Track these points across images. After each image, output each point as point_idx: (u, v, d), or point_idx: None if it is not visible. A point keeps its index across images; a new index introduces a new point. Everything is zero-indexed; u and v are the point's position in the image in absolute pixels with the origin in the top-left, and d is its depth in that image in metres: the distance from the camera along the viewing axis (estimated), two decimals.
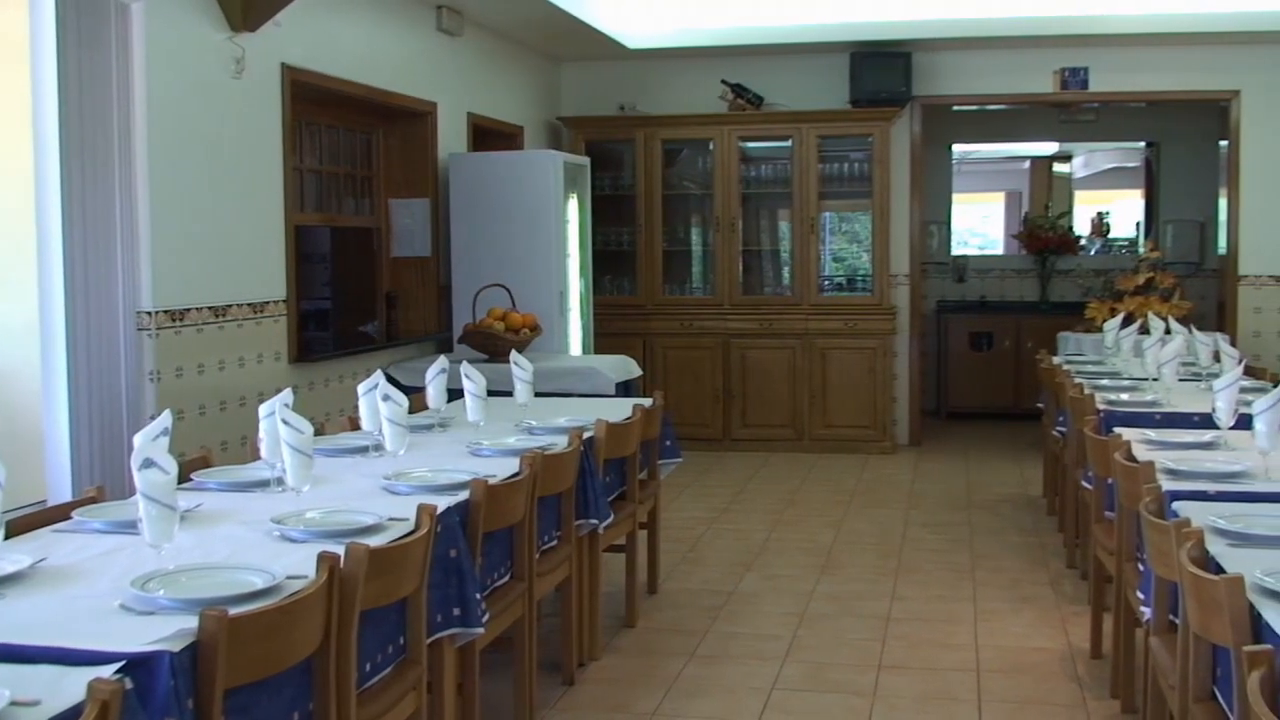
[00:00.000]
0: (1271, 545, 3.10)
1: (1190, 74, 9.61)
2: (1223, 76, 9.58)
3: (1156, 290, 8.75)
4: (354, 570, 2.83)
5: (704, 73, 9.97)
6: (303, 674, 2.75)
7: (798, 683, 4.78)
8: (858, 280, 10.06)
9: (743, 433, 9.83)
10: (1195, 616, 2.85)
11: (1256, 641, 2.52)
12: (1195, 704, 3.01)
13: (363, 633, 2.94)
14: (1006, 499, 8.12)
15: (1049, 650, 5.12)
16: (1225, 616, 2.62)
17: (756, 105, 9.88)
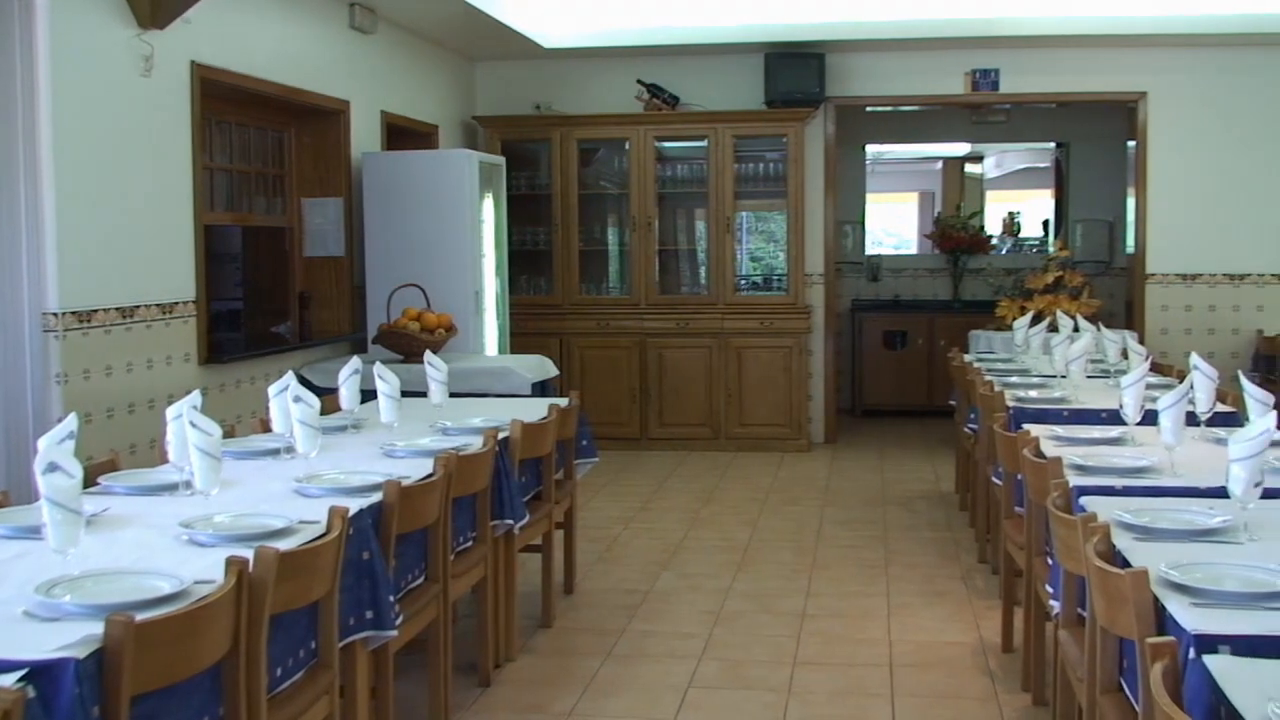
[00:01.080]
0: (1176, 539, 3.16)
1: (1098, 76, 9.77)
2: (1130, 78, 9.75)
3: (1065, 289, 8.88)
4: (263, 574, 2.80)
5: (620, 73, 9.98)
6: (212, 680, 2.71)
7: (714, 680, 4.80)
8: (774, 280, 10.13)
9: (660, 432, 9.85)
10: (1102, 609, 2.90)
11: (1161, 633, 2.57)
12: (1103, 696, 3.06)
13: (273, 637, 2.91)
14: (920, 495, 8.21)
15: (961, 644, 5.19)
16: (1130, 609, 2.66)
17: (672, 105, 9.91)
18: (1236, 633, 2.43)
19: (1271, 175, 9.63)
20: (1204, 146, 9.68)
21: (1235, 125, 9.63)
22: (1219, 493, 3.35)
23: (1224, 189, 9.68)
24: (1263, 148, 9.62)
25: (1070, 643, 3.48)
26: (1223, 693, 2.16)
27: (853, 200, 12.11)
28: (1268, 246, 9.70)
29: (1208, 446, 4.33)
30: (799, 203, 9.71)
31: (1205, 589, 2.67)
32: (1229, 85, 9.63)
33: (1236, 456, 3.15)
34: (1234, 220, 9.70)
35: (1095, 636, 3.05)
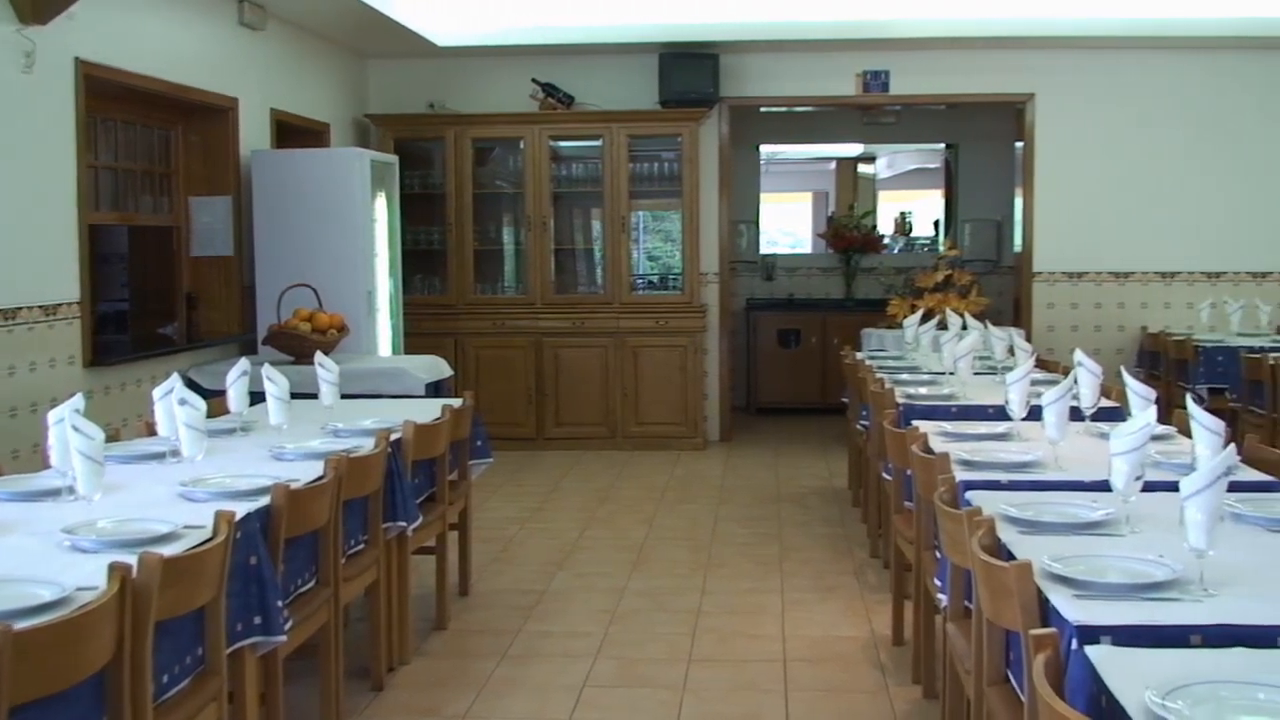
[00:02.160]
0: (1060, 532, 3.22)
1: (987, 77, 9.93)
2: (1018, 79, 9.93)
3: (955, 287, 9.01)
4: (147, 580, 2.75)
5: (514, 72, 9.95)
6: (95, 688, 2.66)
7: (609, 679, 4.80)
8: (670, 279, 10.16)
9: (556, 432, 9.84)
10: (987, 602, 2.94)
11: (1045, 625, 2.61)
12: (989, 687, 3.11)
13: (159, 644, 2.85)
14: (814, 491, 8.29)
15: (853, 638, 5.25)
16: (1014, 602, 2.71)
17: (567, 105, 9.90)
18: (1117, 623, 2.48)
19: (1155, 175, 9.87)
20: (1090, 147, 9.89)
21: (1120, 126, 9.86)
22: (1102, 486, 3.41)
23: (1109, 188, 9.90)
24: (1146, 148, 9.86)
25: (958, 635, 3.53)
26: (1103, 682, 2.20)
27: (747, 200, 12.20)
28: (1152, 245, 9.94)
29: (1091, 441, 4.42)
30: (694, 202, 9.76)
31: (1087, 581, 2.72)
32: (1114, 87, 9.85)
33: (1118, 451, 3.21)
34: (1119, 219, 9.92)
35: (981, 629, 3.11)
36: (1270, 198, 9.86)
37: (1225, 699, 2.08)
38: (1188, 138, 9.84)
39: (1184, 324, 9.71)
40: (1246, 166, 9.85)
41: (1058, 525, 3.26)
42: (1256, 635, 2.44)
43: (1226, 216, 9.88)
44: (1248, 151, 9.84)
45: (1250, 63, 9.76)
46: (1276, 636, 2.45)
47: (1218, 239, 9.92)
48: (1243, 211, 9.87)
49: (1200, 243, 9.92)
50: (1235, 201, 9.86)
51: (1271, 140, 9.83)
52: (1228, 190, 9.86)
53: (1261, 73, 9.79)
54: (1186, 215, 9.89)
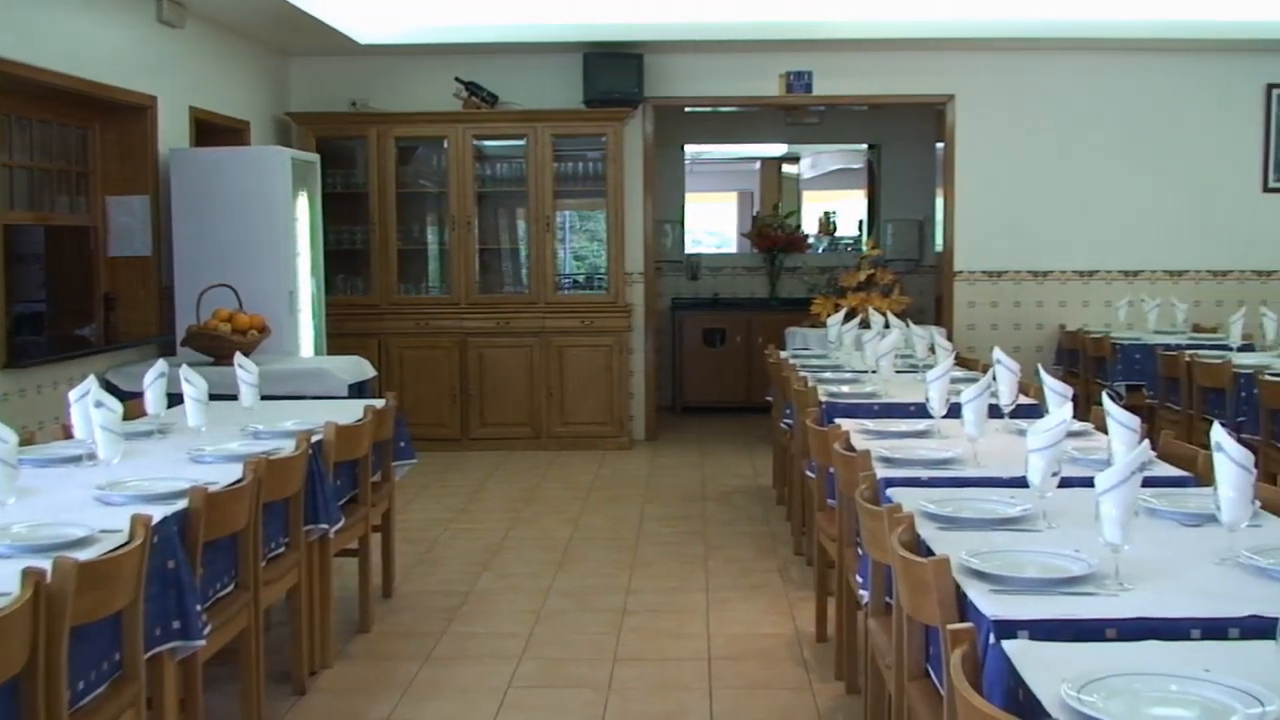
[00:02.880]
0: (978, 528, 3.25)
1: (908, 78, 10.03)
2: (938, 81, 10.03)
3: (877, 286, 9.10)
4: (62, 586, 2.70)
5: (438, 70, 9.90)
6: (9, 695, 2.61)
7: (534, 680, 4.79)
8: (596, 279, 10.16)
9: (481, 432, 9.80)
10: (906, 598, 2.97)
11: (963, 620, 2.64)
12: (910, 682, 3.14)
13: (74, 650, 2.81)
14: (739, 490, 8.32)
15: (777, 635, 5.27)
16: (933, 597, 2.74)
17: (491, 104, 9.86)
18: (1034, 617, 2.51)
19: (1073, 175, 10.01)
20: (1009, 147, 10.02)
21: (1038, 127, 9.99)
22: (1020, 483, 3.45)
23: (1028, 188, 10.03)
24: (1065, 148, 10.00)
25: (879, 631, 3.57)
26: (1020, 676, 2.23)
27: (672, 199, 12.23)
28: (1070, 244, 10.08)
29: (1010, 438, 4.48)
30: (618, 202, 9.76)
31: (1005, 576, 2.75)
32: (1032, 88, 9.98)
33: (1035, 447, 3.25)
34: (1038, 219, 10.05)
35: (901, 625, 3.13)
36: (1186, 197, 10.04)
37: (1139, 691, 2.12)
38: (1105, 138, 9.99)
39: (1102, 322, 9.86)
40: (1163, 166, 10.02)
41: (976, 521, 3.30)
42: (1170, 628, 2.49)
43: (1143, 216, 10.05)
44: (1164, 152, 10.01)
45: (1166, 64, 9.93)
46: (1190, 629, 2.50)
47: (1135, 238, 10.08)
48: (1159, 211, 10.04)
49: (1118, 242, 10.08)
50: (1152, 201, 10.03)
51: (1187, 140, 10.01)
52: (1145, 190, 10.03)
53: (1177, 74, 9.96)
54: (1104, 215, 10.04)
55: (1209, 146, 10.04)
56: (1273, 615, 2.00)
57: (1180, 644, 2.42)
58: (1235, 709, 2.03)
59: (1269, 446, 6.36)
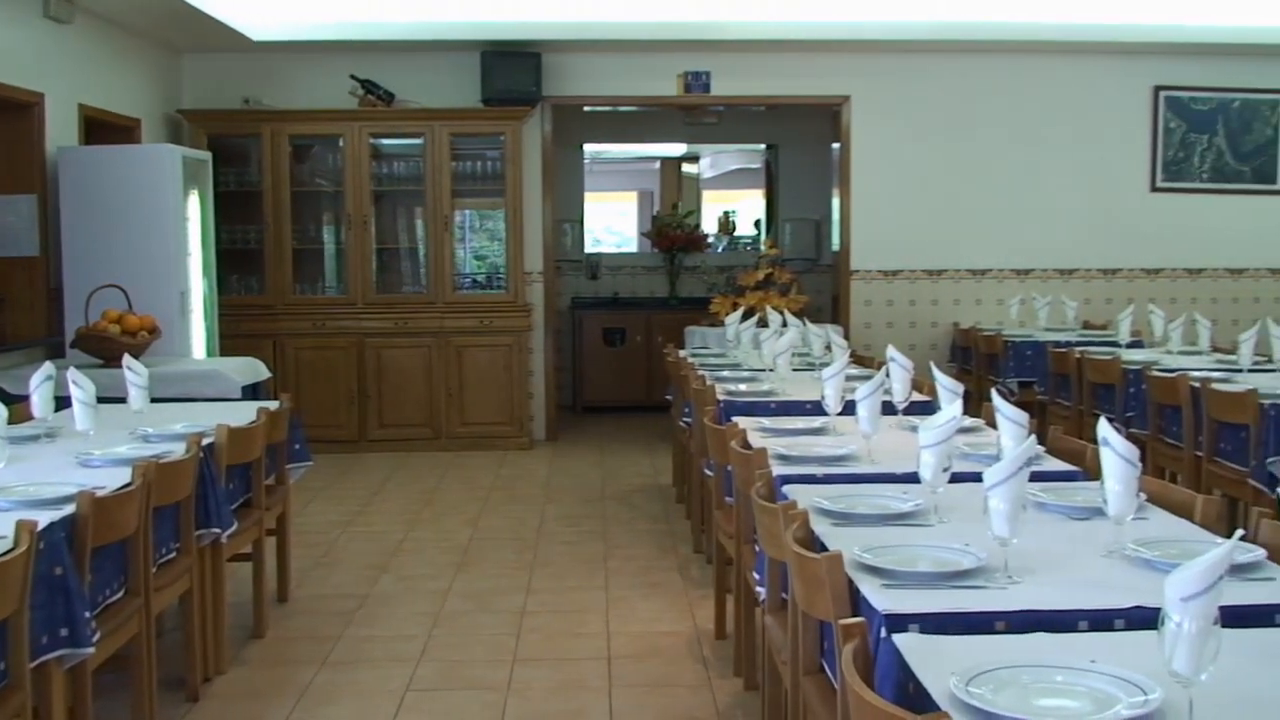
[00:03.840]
0: (871, 524, 3.29)
1: (805, 80, 10.11)
2: (834, 82, 10.12)
3: (775, 285, 9.15)
4: None
5: (333, 68, 9.79)
6: None
7: (432, 682, 4.76)
8: (496, 278, 10.10)
9: (379, 433, 9.71)
10: (801, 594, 2.99)
11: (856, 615, 2.66)
12: (805, 677, 3.16)
13: None
14: (639, 489, 8.34)
15: (677, 633, 5.29)
16: (827, 592, 2.76)
17: (387, 102, 9.77)
18: (925, 611, 2.54)
19: (966, 175, 10.17)
20: (903, 148, 10.14)
21: (932, 127, 10.13)
22: (912, 478, 3.49)
23: (923, 189, 10.17)
24: (957, 148, 10.15)
25: (775, 627, 3.59)
26: (910, 670, 2.25)
27: (572, 199, 12.21)
28: (964, 243, 10.24)
29: (903, 434, 4.53)
30: (517, 201, 9.72)
31: (896, 570, 2.78)
32: (926, 89, 10.12)
33: (925, 444, 3.30)
34: (932, 218, 10.19)
35: (796, 620, 3.15)
36: (1076, 197, 10.24)
37: (1026, 683, 2.15)
38: (998, 139, 10.16)
39: (994, 320, 10.02)
40: (1054, 167, 10.21)
41: (869, 517, 3.33)
42: (1057, 620, 2.53)
43: (1035, 215, 10.23)
44: (1056, 152, 10.21)
45: (1058, 66, 10.12)
46: (1077, 621, 2.54)
47: (1026, 237, 10.26)
48: (1050, 210, 10.23)
49: (1010, 241, 10.25)
50: (1043, 201, 10.22)
51: (1078, 141, 10.21)
52: (1036, 190, 10.21)
53: (1068, 75, 10.16)
54: (997, 214, 10.21)
55: (1099, 147, 10.25)
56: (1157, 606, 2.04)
57: (1067, 635, 2.47)
58: (1119, 699, 2.06)
59: (1157, 441, 6.51)
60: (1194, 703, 1.97)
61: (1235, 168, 10.40)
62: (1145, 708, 2.01)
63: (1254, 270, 10.51)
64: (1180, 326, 7.77)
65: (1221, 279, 10.49)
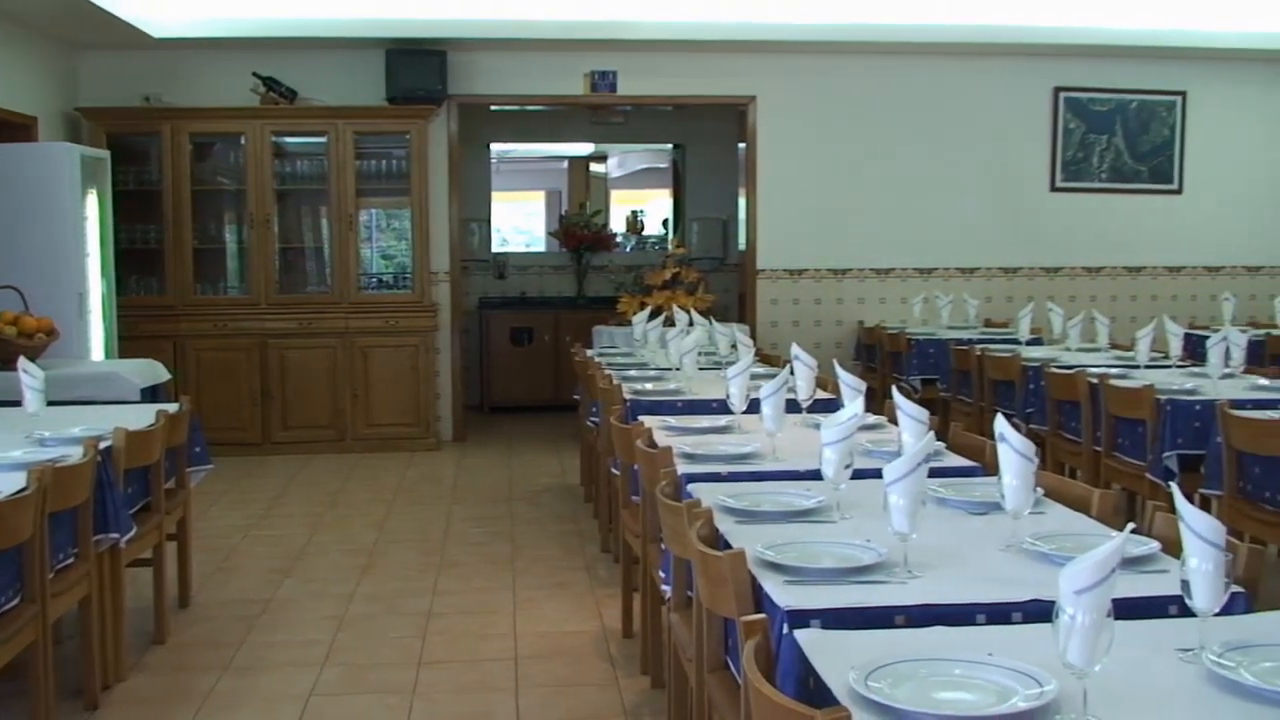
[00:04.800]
0: (775, 521, 3.31)
1: (710, 79, 10.15)
2: (740, 82, 10.17)
3: (683, 284, 9.18)
4: None
5: (235, 65, 9.64)
6: None
7: (337, 687, 4.71)
8: (403, 278, 10.02)
9: (283, 435, 9.59)
10: (705, 591, 3.00)
11: (759, 612, 2.68)
12: (710, 674, 3.17)
13: None
14: (547, 489, 8.32)
15: (584, 633, 5.28)
16: (730, 589, 2.77)
17: (290, 100, 9.66)
18: (826, 607, 2.57)
19: (870, 175, 10.27)
20: (808, 148, 10.22)
21: (837, 128, 10.22)
22: (816, 475, 3.53)
23: (828, 188, 10.25)
24: (862, 149, 10.24)
25: (680, 625, 3.60)
26: (811, 665, 2.27)
27: (479, 198, 12.17)
28: (868, 243, 10.34)
29: (807, 432, 4.56)
30: (423, 200, 9.66)
31: (798, 567, 2.81)
32: (831, 90, 10.20)
33: (827, 441, 3.32)
34: (837, 218, 10.28)
35: (701, 618, 3.17)
36: (978, 197, 10.39)
37: (924, 676, 2.17)
38: (902, 139, 10.27)
39: (898, 318, 10.13)
40: (957, 167, 10.35)
41: (773, 514, 3.36)
42: (955, 614, 2.57)
43: (937, 215, 10.36)
44: (958, 152, 10.34)
45: (960, 67, 10.25)
46: (975, 614, 2.58)
47: (929, 237, 10.39)
48: (953, 210, 10.37)
49: (913, 240, 10.37)
50: (946, 200, 10.35)
51: (980, 142, 10.36)
52: (939, 189, 10.34)
53: (970, 77, 10.30)
54: (901, 214, 10.32)
55: (1001, 147, 10.41)
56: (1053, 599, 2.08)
57: (966, 629, 2.50)
58: (1016, 690, 2.10)
59: (1057, 437, 6.62)
60: (1088, 694, 2.00)
61: (1133, 168, 10.61)
62: (1041, 699, 2.04)
63: (1151, 268, 10.74)
64: (1079, 324, 7.90)
65: (1120, 277, 10.70)
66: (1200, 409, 5.52)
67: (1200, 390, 5.81)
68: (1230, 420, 5.00)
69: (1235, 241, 10.80)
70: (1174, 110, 10.60)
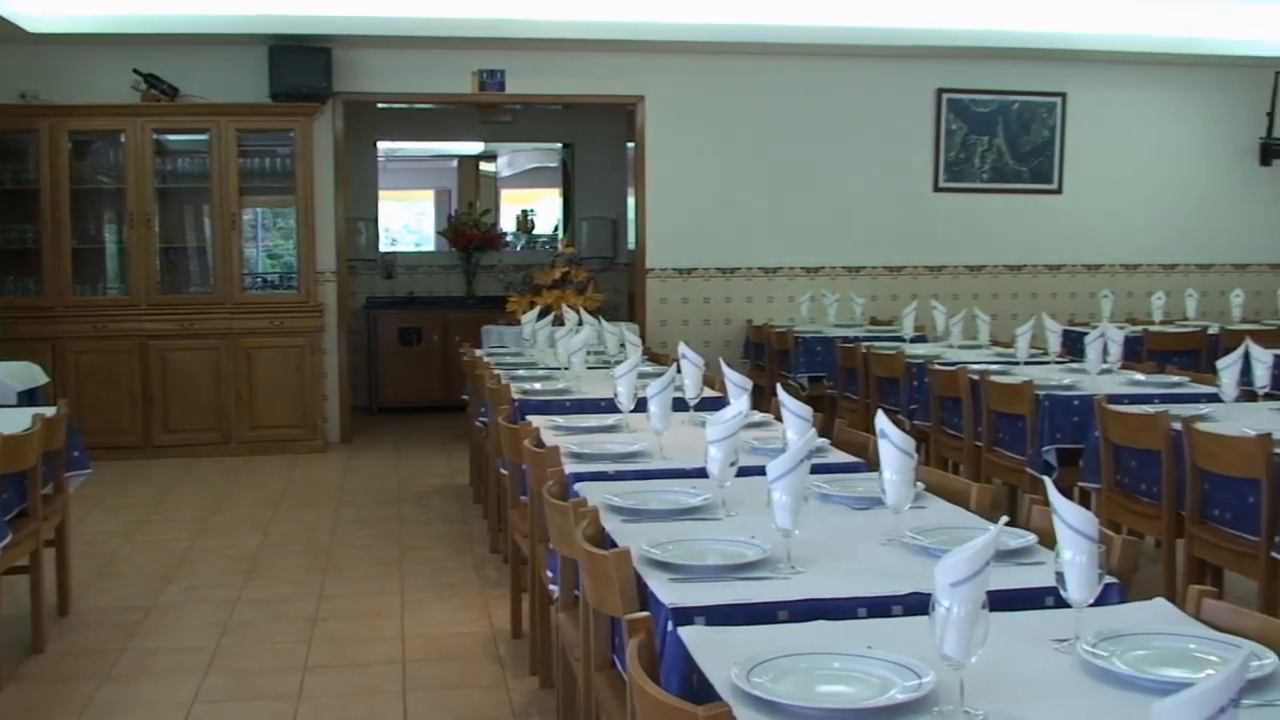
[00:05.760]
0: (661, 519, 3.32)
1: (599, 79, 10.15)
2: (629, 82, 10.19)
3: (572, 284, 9.18)
4: None
5: (115, 61, 9.43)
6: None
7: (221, 694, 4.64)
8: (289, 278, 9.87)
9: (165, 439, 9.40)
10: (591, 591, 3.00)
11: (645, 610, 2.68)
12: (597, 673, 3.17)
13: None
14: (436, 490, 8.26)
15: (473, 634, 5.26)
16: (615, 588, 2.77)
17: (171, 97, 9.48)
18: (710, 604, 2.58)
19: (758, 174, 10.34)
20: (696, 148, 10.27)
21: (724, 128, 10.28)
22: (702, 473, 3.54)
23: (716, 188, 10.31)
24: (750, 148, 10.32)
25: (568, 624, 3.60)
26: (694, 662, 2.28)
27: (366, 197, 12.06)
28: (756, 242, 10.41)
29: (694, 430, 4.56)
30: (308, 199, 9.53)
31: (684, 564, 2.82)
32: (718, 90, 10.26)
33: (713, 439, 3.34)
34: (725, 217, 10.34)
35: (588, 617, 3.17)
36: (864, 197, 10.51)
37: (806, 670, 2.20)
38: (788, 139, 10.36)
39: (786, 316, 10.21)
40: (843, 167, 10.46)
41: (659, 512, 3.37)
42: (838, 608, 2.60)
43: (824, 215, 10.47)
44: (844, 153, 10.46)
45: (845, 68, 10.37)
46: (856, 608, 2.61)
47: (816, 236, 10.49)
48: (839, 210, 10.48)
49: (801, 240, 10.47)
50: (832, 200, 10.46)
51: (865, 142, 10.48)
52: (825, 189, 10.45)
53: (856, 78, 10.42)
54: (788, 213, 10.41)
55: (885, 148, 10.55)
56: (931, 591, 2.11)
57: (847, 623, 2.53)
58: (895, 683, 2.13)
59: (939, 432, 6.73)
60: (964, 684, 2.03)
61: (1014, 168, 10.81)
62: (919, 691, 2.07)
63: (1032, 267, 10.95)
64: (961, 321, 8.02)
65: (1001, 275, 10.90)
66: (1078, 404, 5.65)
67: (1078, 386, 5.93)
68: (1107, 415, 5.12)
69: (1113, 240, 11.06)
70: (1054, 111, 10.82)
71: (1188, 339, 8.54)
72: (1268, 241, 11.32)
